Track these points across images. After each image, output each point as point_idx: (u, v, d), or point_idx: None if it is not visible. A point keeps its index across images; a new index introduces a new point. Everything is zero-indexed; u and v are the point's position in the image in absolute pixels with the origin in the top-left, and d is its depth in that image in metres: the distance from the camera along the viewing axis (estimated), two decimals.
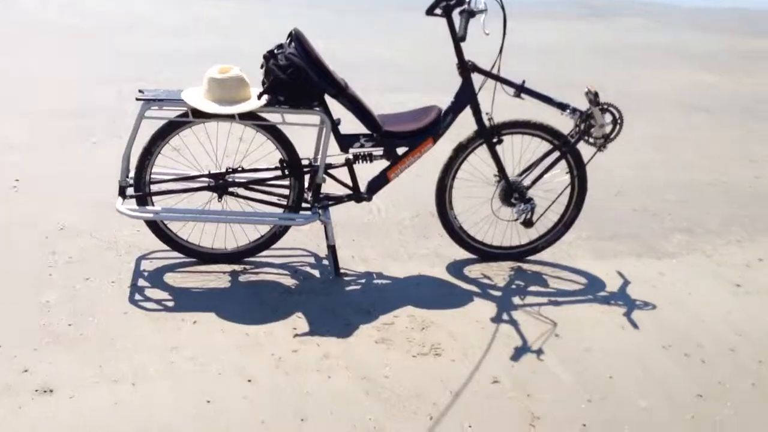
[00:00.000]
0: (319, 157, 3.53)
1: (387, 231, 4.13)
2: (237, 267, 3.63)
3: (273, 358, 2.93)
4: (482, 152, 3.74)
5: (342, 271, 3.64)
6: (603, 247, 4.12)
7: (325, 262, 3.74)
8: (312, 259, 3.77)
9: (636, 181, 5.16)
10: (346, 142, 3.55)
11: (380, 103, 6.33)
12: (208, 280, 3.49)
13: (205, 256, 3.64)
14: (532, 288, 3.62)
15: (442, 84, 3.77)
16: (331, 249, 3.61)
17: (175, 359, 2.89)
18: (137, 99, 3.37)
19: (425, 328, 3.22)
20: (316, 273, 3.64)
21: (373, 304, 3.37)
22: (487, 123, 3.64)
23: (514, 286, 3.62)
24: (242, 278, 3.53)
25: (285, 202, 3.59)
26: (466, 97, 3.61)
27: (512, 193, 3.74)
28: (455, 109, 3.63)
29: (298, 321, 3.21)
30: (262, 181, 3.58)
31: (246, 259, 3.68)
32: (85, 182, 4.57)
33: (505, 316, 3.35)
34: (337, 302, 3.38)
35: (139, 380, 2.74)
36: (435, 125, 3.61)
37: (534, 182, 3.77)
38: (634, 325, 3.33)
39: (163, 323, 3.13)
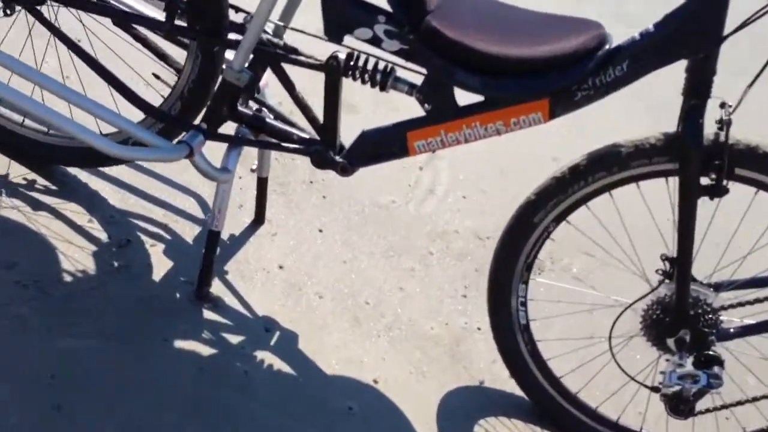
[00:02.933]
0: (253, 18, 1.38)
1: (402, 249, 1.95)
2: (41, 182, 1.64)
3: None
4: (658, 192, 1.43)
5: (216, 295, 1.56)
6: None
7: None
8: (181, 225, 1.71)
9: None
10: (340, 15, 1.36)
11: None
12: None
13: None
14: None
15: None
16: (211, 238, 1.53)
17: None
18: None
19: None
20: (161, 269, 1.58)
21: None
22: (711, 132, 1.32)
23: None
24: (15, 218, 1.55)
25: (165, 96, 1.53)
26: (689, 38, 1.27)
27: (682, 323, 1.43)
28: (646, 54, 1.30)
29: None
30: (132, 17, 1.51)
31: (74, 169, 1.70)
32: None
33: None
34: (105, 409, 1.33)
35: None
36: (577, 66, 1.31)
37: (748, 332, 1.43)
38: None
39: None
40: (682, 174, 1.35)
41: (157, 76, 1.61)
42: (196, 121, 1.49)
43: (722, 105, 1.33)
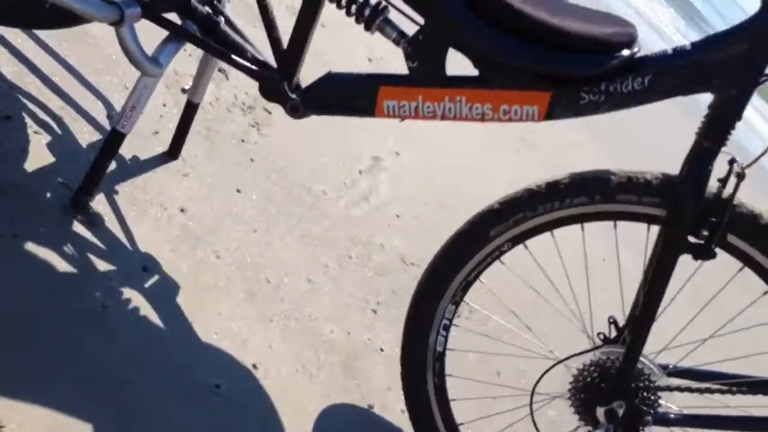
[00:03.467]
0: None
1: (320, 242, 1.71)
2: None
3: None
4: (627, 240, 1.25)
5: (96, 211, 1.27)
6: None
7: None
8: (79, 125, 1.42)
9: None
10: None
11: None
12: None
13: None
14: None
15: None
16: (113, 138, 1.25)
17: None
18: None
19: None
20: (37, 161, 1.28)
21: None
22: (714, 185, 1.16)
23: None
24: None
25: None
26: (727, 69, 1.12)
27: (619, 394, 1.23)
28: (673, 74, 1.13)
29: None
30: None
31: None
32: None
33: None
34: None
35: None
36: (601, 56, 1.12)
37: (688, 422, 1.25)
38: None
39: None
40: (669, 222, 1.17)
41: None
42: None
43: (731, 161, 1.17)
